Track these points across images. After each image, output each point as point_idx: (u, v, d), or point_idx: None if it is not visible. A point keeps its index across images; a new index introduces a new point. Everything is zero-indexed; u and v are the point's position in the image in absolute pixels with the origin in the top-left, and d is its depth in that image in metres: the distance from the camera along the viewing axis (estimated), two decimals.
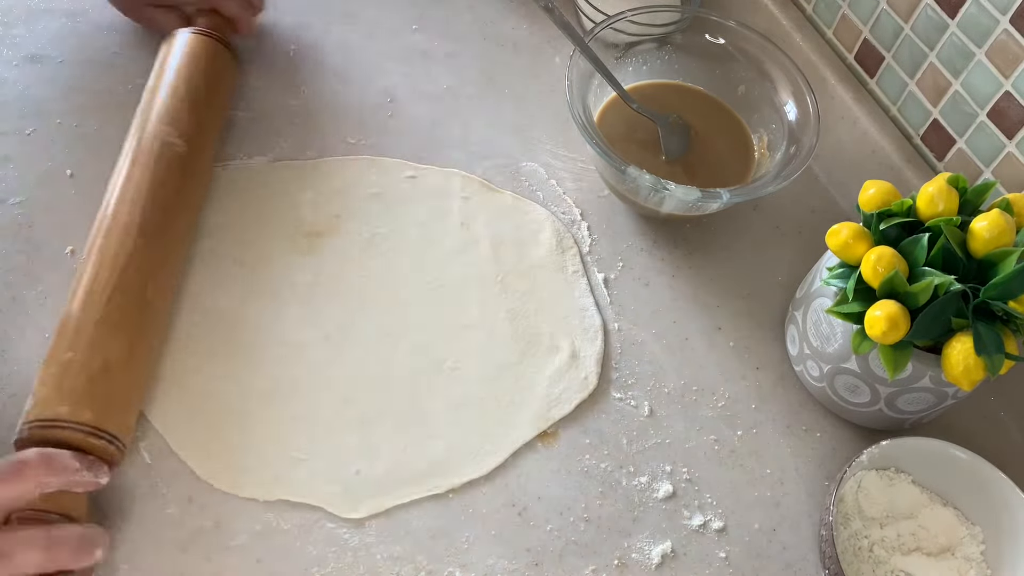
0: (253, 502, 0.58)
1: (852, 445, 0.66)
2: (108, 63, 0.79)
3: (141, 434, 0.60)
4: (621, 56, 0.77)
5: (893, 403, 0.62)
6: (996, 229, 0.56)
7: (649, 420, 0.65)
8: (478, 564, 0.58)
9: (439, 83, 0.83)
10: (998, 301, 0.55)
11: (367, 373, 0.64)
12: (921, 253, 0.57)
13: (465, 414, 0.63)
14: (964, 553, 0.59)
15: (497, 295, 0.69)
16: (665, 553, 0.59)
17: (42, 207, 0.69)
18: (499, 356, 0.66)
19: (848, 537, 0.59)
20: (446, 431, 0.62)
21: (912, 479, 0.62)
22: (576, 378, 0.66)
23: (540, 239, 0.72)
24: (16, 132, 0.73)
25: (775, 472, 0.64)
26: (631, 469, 0.63)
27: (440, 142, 0.78)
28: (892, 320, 0.55)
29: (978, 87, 0.67)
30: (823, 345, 0.63)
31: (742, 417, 0.66)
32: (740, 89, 0.77)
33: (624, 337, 0.69)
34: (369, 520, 0.58)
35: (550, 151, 0.79)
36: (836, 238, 0.60)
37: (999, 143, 0.67)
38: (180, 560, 0.55)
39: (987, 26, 0.64)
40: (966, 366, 0.55)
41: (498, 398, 0.64)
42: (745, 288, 0.73)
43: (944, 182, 0.59)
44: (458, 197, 0.74)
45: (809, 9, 0.83)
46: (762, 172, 0.73)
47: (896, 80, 0.75)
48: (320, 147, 0.76)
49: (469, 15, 0.88)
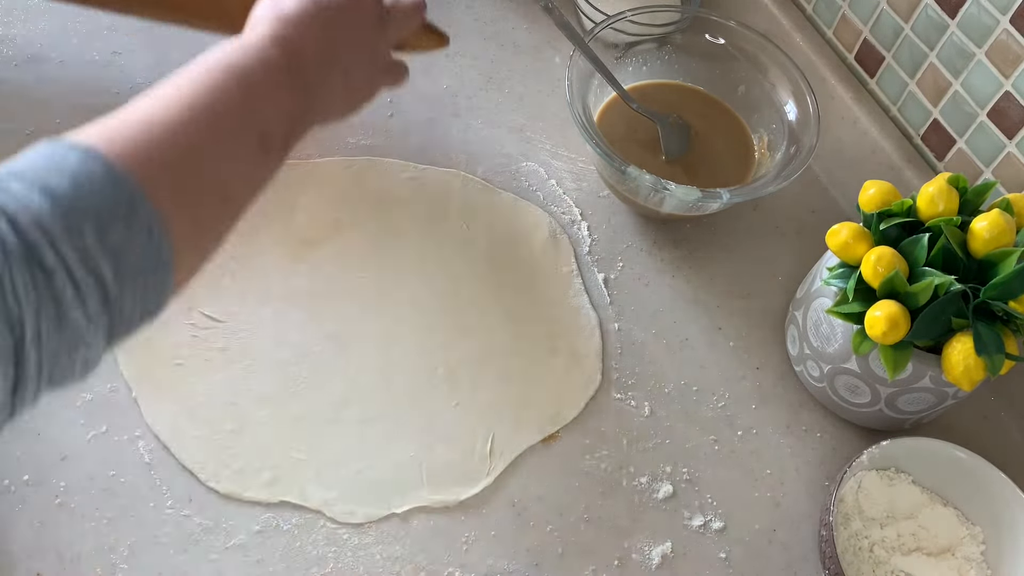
0: (253, 502, 0.58)
1: (852, 445, 0.66)
2: (108, 63, 0.79)
3: (141, 434, 0.60)
4: (621, 56, 0.77)
5: (893, 403, 0.62)
6: (996, 229, 0.56)
7: (649, 420, 0.65)
8: (478, 564, 0.58)
9: (439, 83, 0.82)
10: (998, 301, 0.55)
11: (367, 375, 0.64)
12: (921, 253, 0.57)
13: (466, 416, 0.63)
14: (964, 553, 0.59)
15: (495, 296, 0.69)
16: (665, 553, 0.59)
17: None
18: (499, 357, 0.66)
19: (848, 537, 0.59)
20: (448, 434, 0.62)
21: (912, 479, 0.62)
22: (580, 377, 0.66)
23: (535, 239, 0.72)
24: (16, 132, 0.73)
25: (775, 472, 0.64)
26: (631, 469, 0.63)
27: (440, 142, 0.78)
28: (892, 320, 0.55)
29: (978, 87, 0.67)
30: (823, 345, 0.63)
31: (742, 417, 0.66)
32: (740, 89, 0.77)
33: (624, 337, 0.69)
34: (369, 521, 0.58)
35: (550, 151, 0.79)
36: (836, 238, 0.60)
37: (999, 143, 0.67)
38: (180, 560, 0.55)
39: (987, 26, 0.64)
40: (966, 366, 0.55)
41: (500, 400, 0.64)
42: (745, 288, 0.73)
43: (944, 182, 0.59)
44: (458, 198, 0.74)
45: (809, 9, 0.83)
46: (762, 172, 0.73)
47: (896, 80, 0.75)
48: (320, 147, 0.76)
49: (469, 15, 0.88)
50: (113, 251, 0.35)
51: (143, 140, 0.38)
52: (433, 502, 0.60)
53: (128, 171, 0.36)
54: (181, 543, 0.56)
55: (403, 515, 0.59)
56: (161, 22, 0.65)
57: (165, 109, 0.40)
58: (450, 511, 0.60)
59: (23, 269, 0.33)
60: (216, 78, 0.43)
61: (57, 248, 0.33)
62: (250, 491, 0.58)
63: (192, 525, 0.57)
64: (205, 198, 0.42)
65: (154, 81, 0.42)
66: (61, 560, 0.55)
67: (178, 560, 0.55)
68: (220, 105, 0.42)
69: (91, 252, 0.34)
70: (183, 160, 0.40)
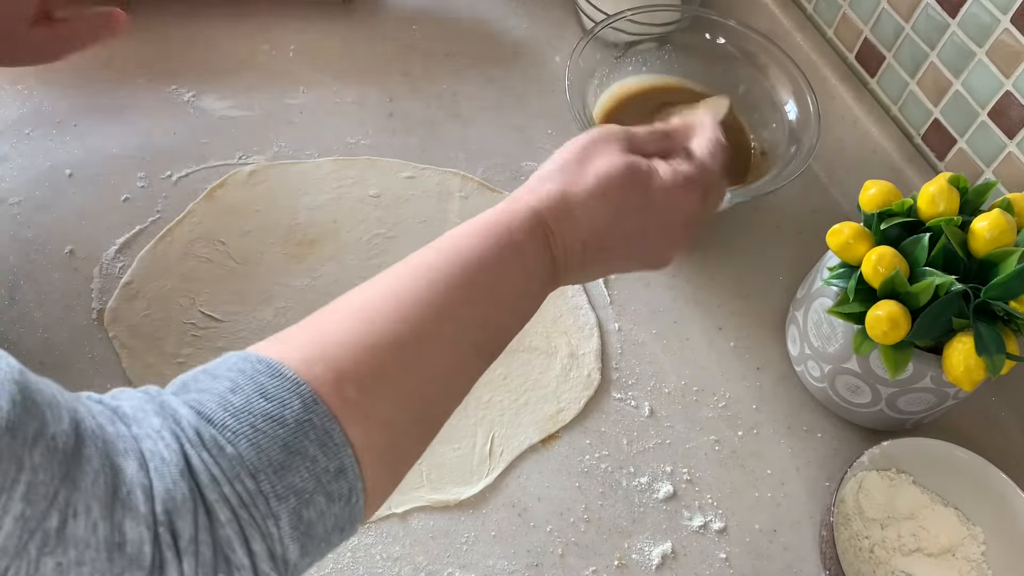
0: None
1: (853, 445, 0.66)
2: (108, 63, 0.79)
3: None
4: (621, 56, 0.77)
5: (894, 403, 0.62)
6: (997, 229, 0.56)
7: (649, 420, 0.65)
8: (478, 564, 0.58)
9: (439, 83, 0.82)
10: (999, 301, 0.55)
11: None
12: (922, 253, 0.57)
13: (466, 416, 0.63)
14: (965, 554, 0.59)
15: None
16: (665, 554, 0.59)
17: (41, 207, 0.69)
18: (499, 359, 0.66)
19: (849, 538, 0.59)
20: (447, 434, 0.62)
21: (913, 480, 0.62)
22: (579, 376, 0.66)
23: None
24: (16, 132, 0.73)
25: (776, 473, 0.64)
26: (631, 470, 0.63)
27: (440, 142, 0.78)
28: (893, 320, 0.55)
29: (979, 87, 0.67)
30: (824, 345, 0.63)
31: (743, 417, 0.66)
32: (740, 89, 0.77)
33: (624, 337, 0.69)
34: (368, 521, 0.58)
35: (550, 151, 0.78)
36: (837, 238, 0.59)
37: (1000, 143, 0.67)
38: None
39: (988, 25, 0.64)
40: (967, 366, 0.54)
41: (500, 400, 0.64)
42: (745, 288, 0.73)
43: (945, 182, 0.58)
44: (457, 197, 0.74)
45: (810, 9, 0.82)
46: (762, 172, 0.73)
47: (897, 80, 0.75)
48: (320, 147, 0.76)
49: (469, 15, 0.88)
50: (306, 529, 0.33)
51: (368, 391, 0.35)
52: (433, 502, 0.59)
53: (345, 443, 0.34)
54: None
55: (403, 515, 0.59)
56: None
57: (393, 343, 0.37)
58: (450, 511, 0.60)
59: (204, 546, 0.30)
60: (467, 286, 0.39)
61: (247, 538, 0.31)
62: None
63: None
64: (420, 440, 0.39)
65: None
66: None
67: None
68: (467, 323, 0.39)
69: (283, 538, 0.32)
70: (409, 409, 0.37)
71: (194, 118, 0.77)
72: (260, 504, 0.31)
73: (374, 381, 0.36)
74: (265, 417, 0.32)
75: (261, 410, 0.33)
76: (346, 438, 0.34)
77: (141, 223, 0.70)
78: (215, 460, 0.31)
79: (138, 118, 0.76)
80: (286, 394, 0.33)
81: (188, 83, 0.79)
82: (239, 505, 0.31)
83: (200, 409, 0.32)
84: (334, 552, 0.57)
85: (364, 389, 0.35)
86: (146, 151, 0.74)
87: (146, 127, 0.76)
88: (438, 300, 0.38)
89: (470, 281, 0.40)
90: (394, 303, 0.38)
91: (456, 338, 0.39)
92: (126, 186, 0.72)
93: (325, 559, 0.56)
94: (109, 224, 0.69)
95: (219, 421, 0.32)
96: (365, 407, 0.35)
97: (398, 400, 0.37)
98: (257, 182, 0.72)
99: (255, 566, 0.31)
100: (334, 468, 0.33)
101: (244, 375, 0.34)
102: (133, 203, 0.71)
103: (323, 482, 0.33)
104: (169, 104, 0.77)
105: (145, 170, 0.73)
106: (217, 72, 0.80)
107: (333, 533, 0.35)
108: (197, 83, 0.79)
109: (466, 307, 0.39)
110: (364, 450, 0.34)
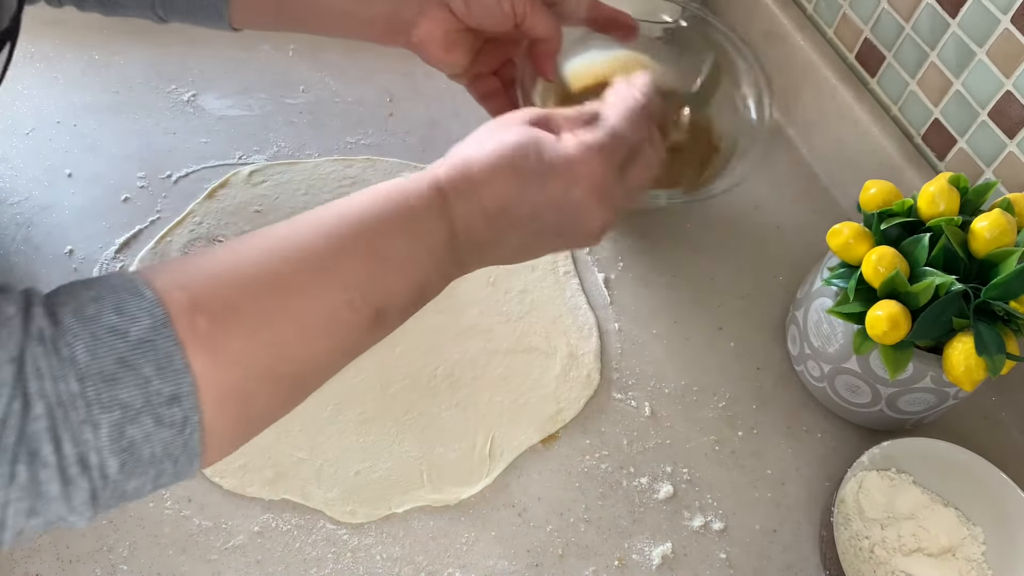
0: (252, 502, 0.58)
1: (853, 446, 0.65)
2: (107, 63, 0.79)
3: None
4: None
5: (894, 403, 0.62)
6: (997, 229, 0.56)
7: (650, 420, 0.65)
8: (478, 565, 0.58)
9: (439, 83, 0.82)
10: (999, 301, 0.55)
11: (368, 375, 0.64)
12: (922, 253, 0.57)
13: (468, 418, 0.63)
14: (965, 554, 0.59)
15: (493, 297, 0.69)
16: (665, 554, 0.59)
17: (41, 207, 0.69)
18: (499, 357, 0.66)
19: (849, 538, 0.59)
20: (447, 434, 0.62)
21: (913, 480, 0.62)
22: (579, 377, 0.66)
23: None
24: (15, 132, 0.73)
25: (776, 473, 0.64)
26: (631, 470, 0.63)
27: (440, 142, 0.78)
28: (893, 320, 0.55)
29: (979, 86, 0.67)
30: (824, 345, 0.63)
31: (743, 417, 0.66)
32: (711, 87, 0.75)
33: (624, 337, 0.69)
34: (368, 521, 0.58)
35: None
36: (837, 238, 0.59)
37: (1000, 143, 0.67)
38: (180, 560, 0.55)
39: (988, 25, 0.64)
40: (967, 366, 0.54)
41: (500, 400, 0.64)
42: (745, 288, 0.73)
43: (945, 182, 0.58)
44: None
45: (810, 9, 0.82)
46: (721, 172, 0.71)
47: (897, 80, 0.75)
48: (320, 147, 0.76)
49: None
50: (128, 446, 0.33)
51: (222, 319, 0.35)
52: (433, 502, 0.59)
53: (188, 364, 0.34)
54: (180, 543, 0.56)
55: (403, 515, 0.59)
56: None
57: (266, 271, 0.37)
58: (450, 511, 0.60)
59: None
60: (350, 239, 0.39)
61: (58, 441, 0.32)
62: (253, 487, 0.58)
63: (191, 525, 0.57)
64: (274, 390, 0.38)
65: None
66: (60, 561, 0.55)
67: (177, 560, 0.55)
68: (341, 277, 0.38)
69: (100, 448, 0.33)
70: (263, 352, 0.36)
71: (194, 118, 0.77)
72: (80, 408, 0.32)
73: (227, 315, 0.36)
74: (110, 329, 0.33)
75: (109, 322, 0.34)
76: (187, 366, 0.34)
77: (141, 223, 0.70)
78: (46, 356, 0.32)
79: (138, 118, 0.76)
80: (139, 312, 0.34)
81: (188, 83, 0.79)
82: (57, 404, 0.32)
83: (54, 310, 0.34)
84: (334, 552, 0.57)
85: (216, 321, 0.35)
86: (146, 151, 0.74)
87: (146, 127, 0.76)
88: (314, 248, 0.39)
89: (352, 234, 0.40)
90: (268, 245, 0.39)
91: (325, 289, 0.39)
92: (126, 186, 0.72)
93: (324, 559, 0.56)
94: (109, 224, 0.69)
95: (66, 324, 0.33)
96: (215, 340, 0.35)
97: (250, 340, 0.36)
98: (257, 182, 0.72)
99: (62, 467, 0.32)
100: (168, 392, 0.34)
101: (111, 289, 0.35)
102: (133, 203, 0.71)
103: (153, 403, 0.34)
104: (169, 104, 0.78)
105: (145, 170, 0.73)
106: (217, 72, 0.80)
107: (164, 460, 0.35)
108: (197, 83, 0.79)
109: (342, 260, 0.39)
110: (208, 384, 0.35)
